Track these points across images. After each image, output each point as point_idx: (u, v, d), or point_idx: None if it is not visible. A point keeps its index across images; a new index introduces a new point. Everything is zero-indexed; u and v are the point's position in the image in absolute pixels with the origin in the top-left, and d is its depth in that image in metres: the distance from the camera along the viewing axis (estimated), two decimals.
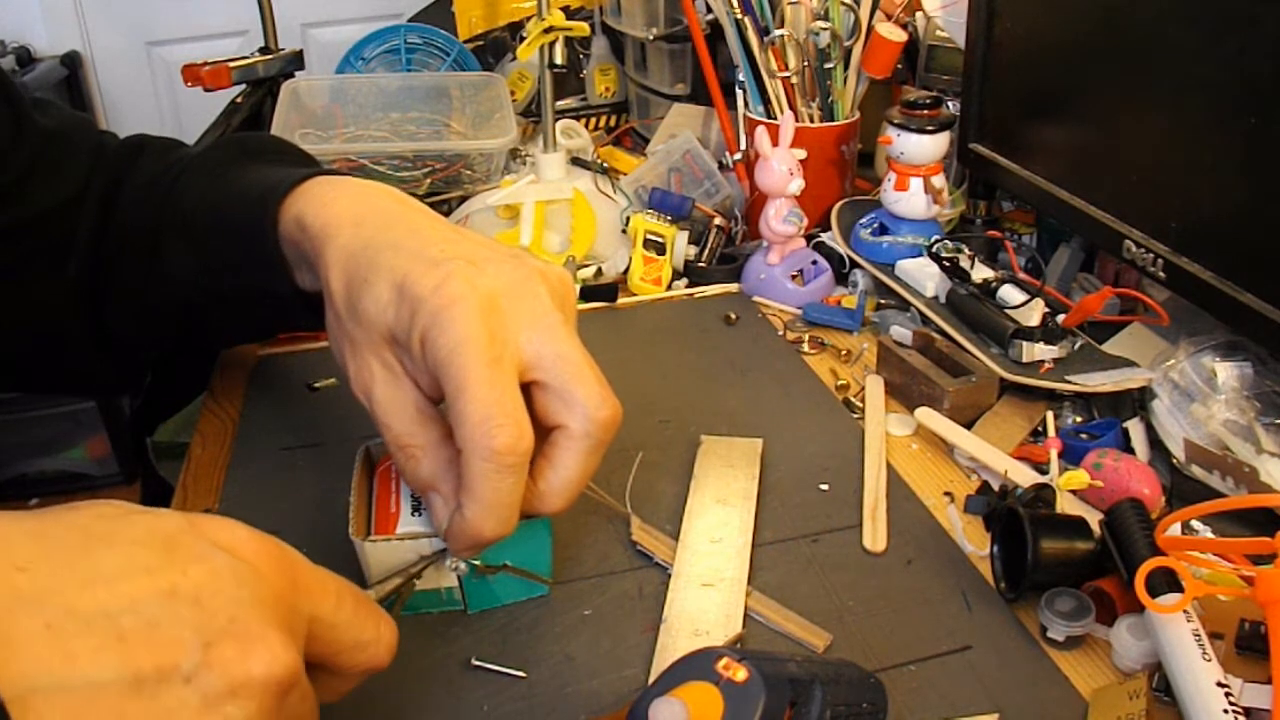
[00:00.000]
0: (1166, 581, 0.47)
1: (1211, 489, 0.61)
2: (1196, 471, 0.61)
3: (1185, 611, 0.47)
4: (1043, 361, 0.71)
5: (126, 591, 0.32)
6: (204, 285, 0.63)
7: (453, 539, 0.48)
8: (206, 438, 0.72)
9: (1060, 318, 0.76)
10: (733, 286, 0.91)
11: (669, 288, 0.92)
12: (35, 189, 0.64)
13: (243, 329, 0.75)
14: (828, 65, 0.93)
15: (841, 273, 0.91)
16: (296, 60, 1.42)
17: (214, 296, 0.64)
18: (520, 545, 0.52)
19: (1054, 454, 0.63)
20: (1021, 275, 0.80)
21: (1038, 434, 0.69)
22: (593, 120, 1.33)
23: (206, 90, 1.35)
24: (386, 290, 0.48)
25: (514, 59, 1.31)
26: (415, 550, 0.51)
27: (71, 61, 2.17)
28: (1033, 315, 0.74)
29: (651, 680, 0.45)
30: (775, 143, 0.86)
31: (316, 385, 0.77)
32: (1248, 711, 0.44)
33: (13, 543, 0.32)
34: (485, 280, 0.47)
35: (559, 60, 0.98)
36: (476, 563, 0.52)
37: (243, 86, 1.39)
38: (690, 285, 0.92)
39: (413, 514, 0.52)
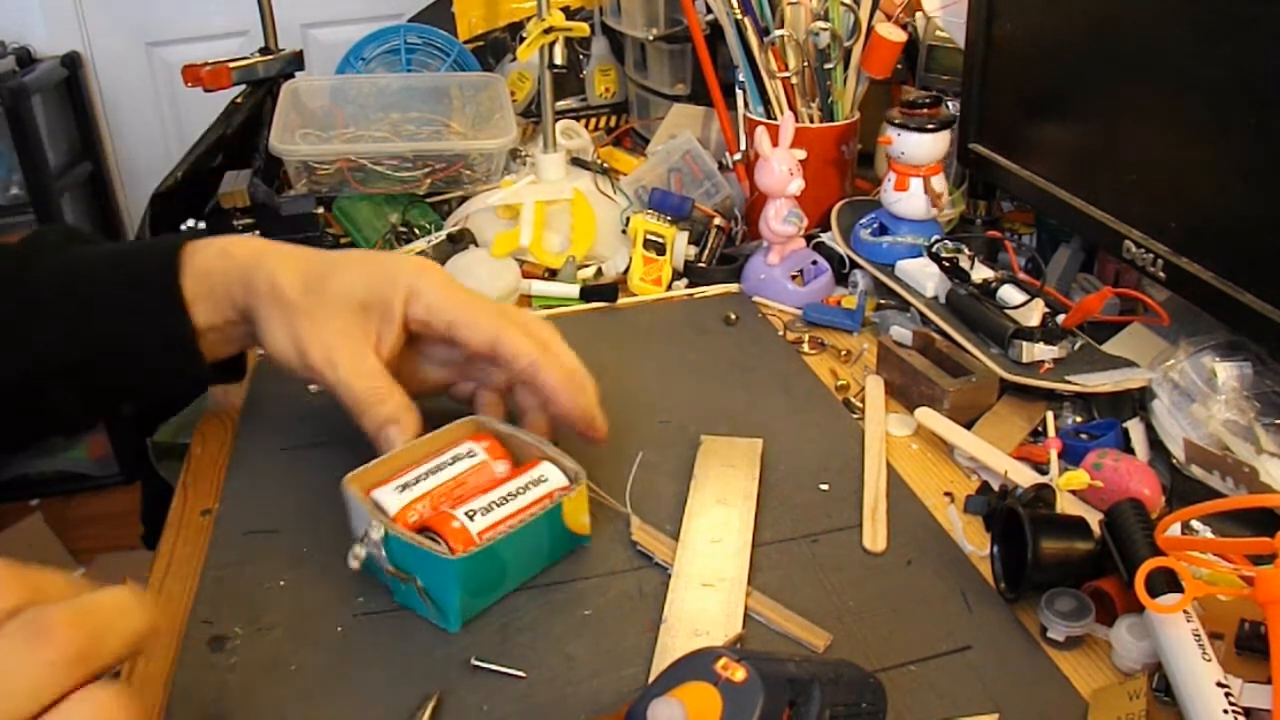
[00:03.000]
0: (1166, 581, 0.47)
1: (1211, 489, 0.60)
2: (1196, 471, 0.61)
3: (1185, 611, 0.46)
4: (1043, 361, 0.71)
5: None
6: (47, 358, 0.59)
7: (584, 420, 0.60)
8: (206, 438, 0.72)
9: (1060, 318, 0.76)
10: (733, 286, 0.91)
11: (669, 288, 0.92)
12: None
13: (77, 405, 0.64)
14: (828, 65, 0.93)
15: (841, 273, 0.91)
16: (296, 60, 1.41)
17: (54, 371, 0.60)
18: (429, 574, 0.52)
19: (1054, 454, 0.63)
20: (1021, 275, 0.80)
21: (1038, 434, 0.69)
22: (593, 120, 1.33)
23: (206, 91, 1.35)
24: (356, 272, 0.60)
25: (514, 59, 1.31)
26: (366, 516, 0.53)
27: (71, 62, 2.17)
28: (1033, 315, 0.74)
29: (651, 680, 0.45)
30: (775, 143, 0.86)
31: (316, 385, 0.77)
32: (1248, 711, 0.44)
33: None
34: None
35: (559, 61, 0.98)
36: (389, 569, 0.52)
37: (243, 87, 1.39)
38: (690, 285, 0.92)
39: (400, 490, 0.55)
